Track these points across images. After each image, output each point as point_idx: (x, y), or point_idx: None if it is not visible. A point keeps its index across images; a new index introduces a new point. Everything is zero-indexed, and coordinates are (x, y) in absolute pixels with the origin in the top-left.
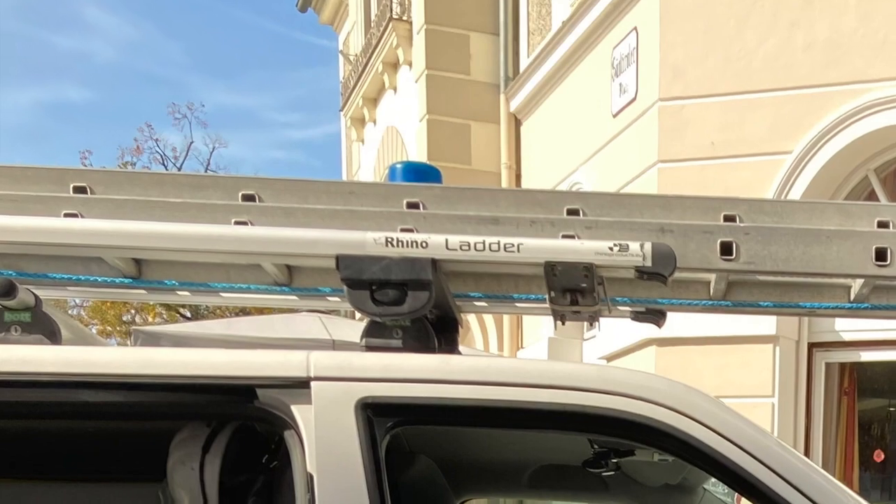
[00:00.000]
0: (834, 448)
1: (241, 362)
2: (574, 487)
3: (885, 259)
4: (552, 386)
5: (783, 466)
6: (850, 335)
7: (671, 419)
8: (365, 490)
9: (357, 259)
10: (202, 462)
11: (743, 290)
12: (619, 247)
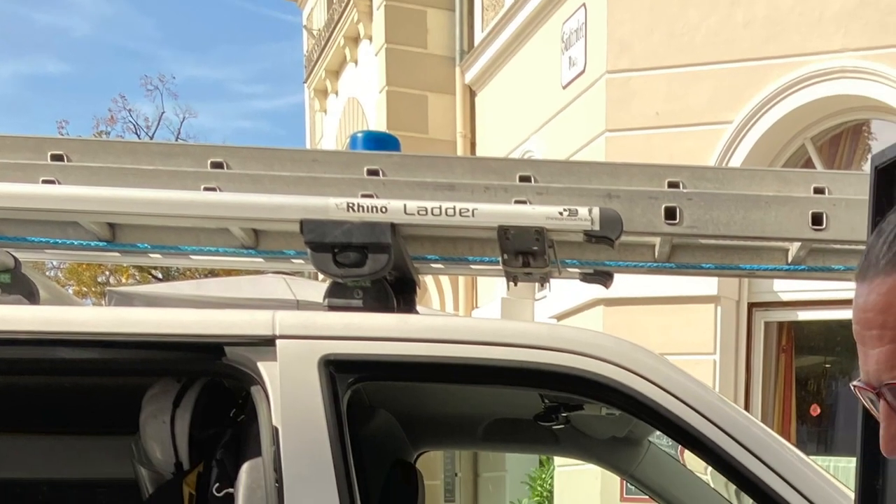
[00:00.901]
0: (772, 403)
1: (210, 321)
2: (526, 440)
3: (820, 223)
4: (505, 344)
5: (724, 420)
6: (787, 295)
7: (618, 375)
8: (327, 442)
9: (320, 223)
10: (173, 416)
11: (686, 253)
12: (569, 212)
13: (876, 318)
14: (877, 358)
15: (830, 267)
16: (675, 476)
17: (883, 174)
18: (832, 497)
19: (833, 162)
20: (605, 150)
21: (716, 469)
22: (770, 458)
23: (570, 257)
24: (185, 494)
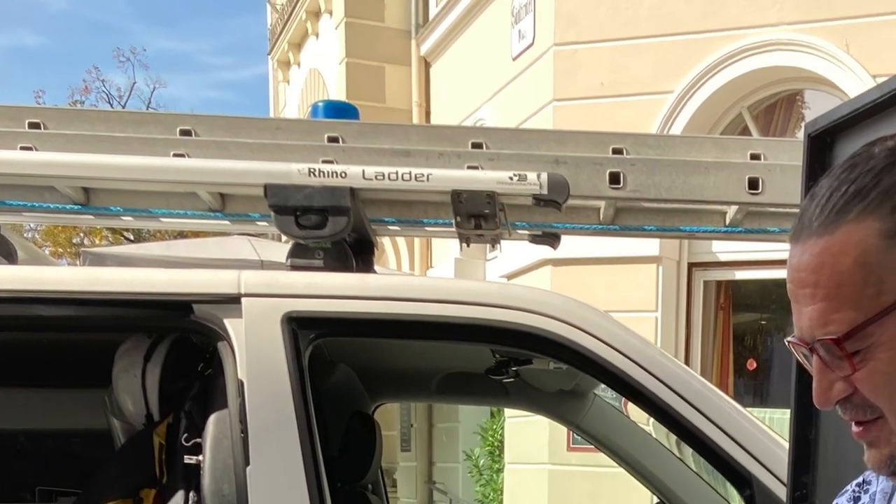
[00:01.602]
0: (711, 358)
1: (179, 280)
2: (477, 393)
3: (757, 188)
4: (458, 301)
5: (665, 374)
6: (725, 256)
7: (565, 331)
8: (290, 395)
9: (283, 188)
10: (144, 370)
11: (629, 216)
12: (518, 177)
13: (809, 277)
14: (810, 315)
15: (766, 229)
16: (619, 427)
17: (815, 141)
18: (768, 446)
19: (768, 130)
20: (552, 118)
21: (657, 420)
22: (709, 409)
23: (520, 220)
24: (156, 444)
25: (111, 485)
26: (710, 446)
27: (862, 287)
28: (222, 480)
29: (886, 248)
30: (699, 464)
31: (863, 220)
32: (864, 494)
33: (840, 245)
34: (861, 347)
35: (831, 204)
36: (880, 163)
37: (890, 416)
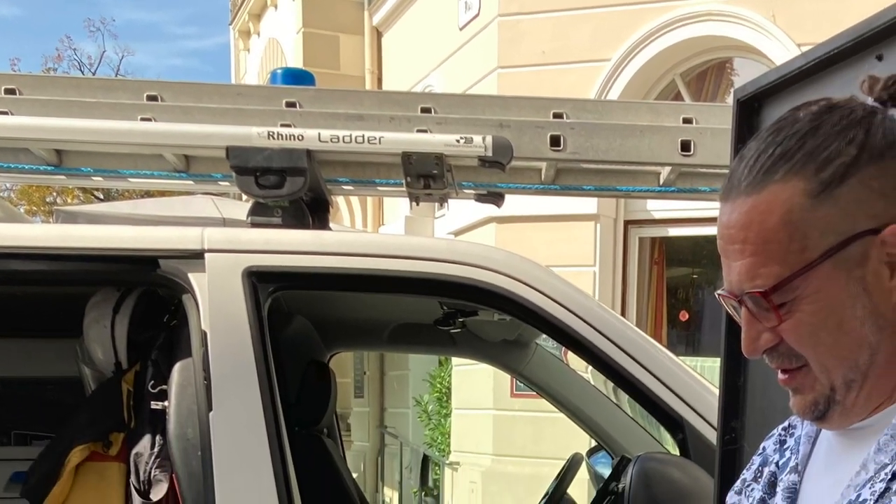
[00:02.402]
0: (646, 310)
1: (146, 237)
2: (427, 342)
3: (689, 150)
4: (408, 257)
5: (603, 325)
6: (659, 214)
7: (508, 284)
8: (250, 344)
9: (244, 150)
10: (113, 321)
11: (569, 176)
12: (465, 139)
13: (738, 234)
14: (738, 269)
15: (697, 188)
16: (560, 375)
17: (744, 106)
18: (699, 393)
19: (700, 96)
20: (497, 85)
21: (596, 368)
22: (644, 358)
23: (466, 180)
24: (124, 391)
25: (82, 429)
26: (645, 393)
27: (787, 243)
28: (186, 425)
29: (810, 207)
30: (635, 409)
31: (788, 181)
32: (790, 438)
33: (767, 204)
34: (787, 300)
35: (759, 165)
36: (804, 126)
37: (814, 365)
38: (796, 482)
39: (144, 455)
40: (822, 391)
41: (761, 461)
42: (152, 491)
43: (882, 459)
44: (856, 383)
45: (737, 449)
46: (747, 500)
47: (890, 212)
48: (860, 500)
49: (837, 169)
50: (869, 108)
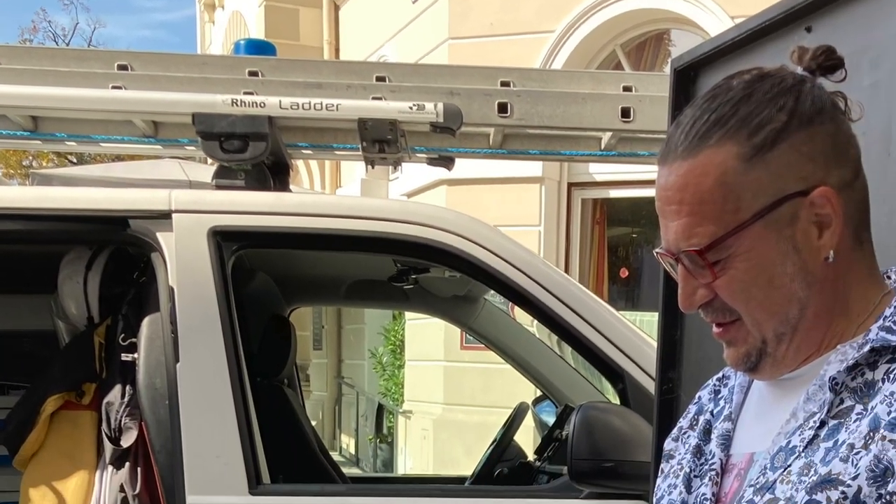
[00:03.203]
0: (588, 267)
1: (117, 198)
2: (381, 298)
3: (628, 116)
4: (364, 217)
5: (547, 281)
6: (601, 176)
7: (458, 243)
8: (215, 299)
9: (209, 116)
10: (85, 278)
11: (516, 141)
12: (417, 106)
13: (675, 195)
14: (675, 229)
15: (637, 153)
16: (507, 328)
17: (680, 75)
18: (638, 346)
19: (639, 65)
20: (447, 55)
21: (541, 322)
22: (586, 312)
23: (419, 144)
24: (96, 343)
25: (57, 379)
26: (588, 345)
27: (722, 204)
28: (155, 375)
29: (743, 170)
30: (577, 361)
31: (722, 145)
32: (724, 388)
33: (702, 167)
34: (721, 258)
35: (695, 130)
36: (738, 94)
37: (746, 319)
38: (730, 430)
39: (115, 404)
40: (754, 344)
41: (697, 410)
42: (123, 438)
43: (811, 408)
44: (786, 336)
45: (674, 398)
46: (683, 446)
47: (818, 174)
48: (790, 447)
49: (769, 134)
50: (798, 77)
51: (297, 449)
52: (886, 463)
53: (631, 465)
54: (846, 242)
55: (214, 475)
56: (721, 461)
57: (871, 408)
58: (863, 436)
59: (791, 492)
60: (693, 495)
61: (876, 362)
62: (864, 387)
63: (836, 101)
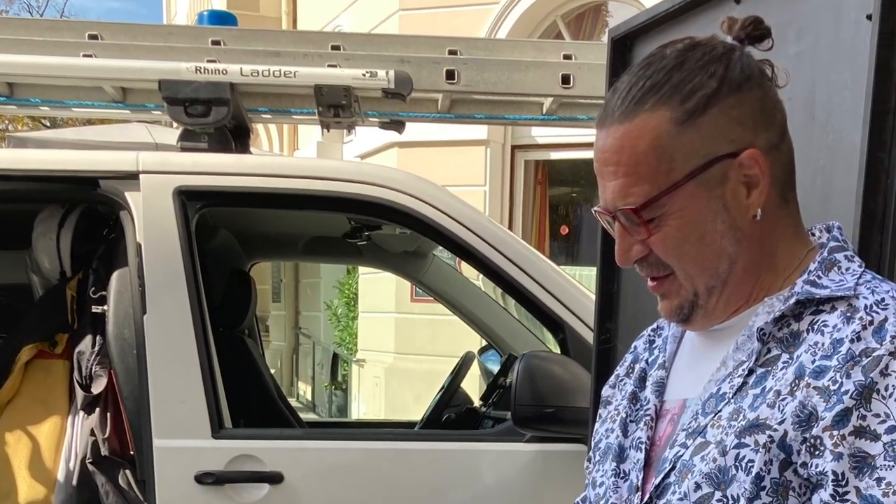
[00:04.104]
0: (530, 224)
1: (88, 160)
2: (336, 253)
3: (568, 83)
4: (320, 177)
5: (492, 237)
6: (543, 139)
7: (408, 202)
8: (180, 255)
9: (174, 83)
10: (58, 234)
11: (463, 106)
12: (370, 73)
13: (612, 157)
14: (612, 189)
15: (576, 117)
16: (454, 282)
17: (617, 44)
18: (578, 298)
19: (578, 35)
20: (398, 25)
21: (486, 276)
22: (529, 267)
23: (371, 109)
24: (68, 296)
25: (31, 330)
26: (530, 298)
27: (656, 165)
28: (123, 326)
29: (676, 133)
30: (520, 312)
31: (657, 110)
32: (658, 338)
33: (638, 130)
34: (655, 216)
35: (630, 96)
36: (671, 62)
37: (679, 273)
38: (664, 377)
39: (86, 353)
40: (687, 296)
41: (633, 358)
42: (93, 385)
43: (739, 357)
44: (716, 289)
45: (611, 348)
46: (620, 393)
47: (746, 137)
48: (720, 393)
49: (700, 100)
50: (728, 46)
51: (257, 395)
52: (811, 408)
53: (571, 410)
54: (773, 201)
55: (179, 420)
56: (655, 407)
57: (796, 357)
58: (788, 383)
59: (721, 435)
60: (629, 439)
61: (801, 314)
62: (789, 337)
63: (763, 68)
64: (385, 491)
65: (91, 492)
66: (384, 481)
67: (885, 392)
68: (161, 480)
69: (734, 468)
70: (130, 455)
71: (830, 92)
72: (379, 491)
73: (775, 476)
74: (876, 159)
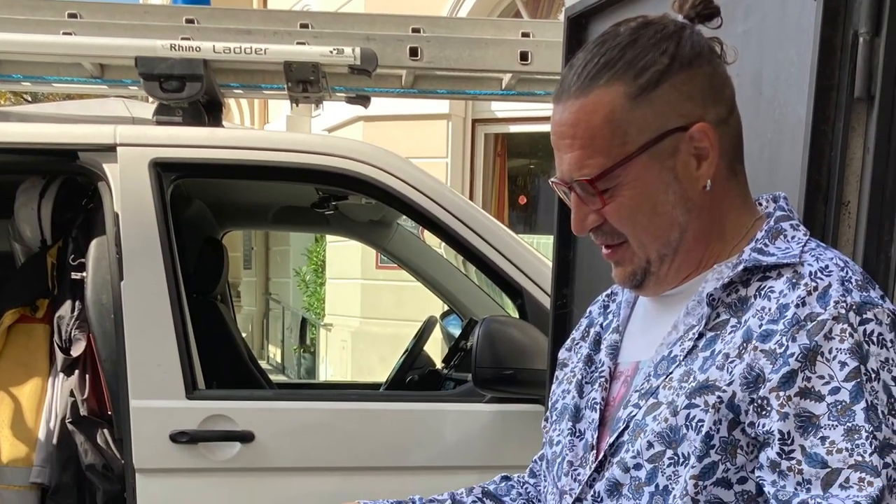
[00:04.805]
0: (490, 195)
1: (67, 133)
2: (305, 222)
3: (526, 59)
4: (289, 150)
5: (454, 207)
6: (502, 113)
7: (374, 173)
8: (155, 224)
9: (150, 59)
10: (39, 204)
11: (425, 82)
12: (337, 50)
13: (568, 130)
14: (569, 161)
15: (534, 92)
16: (417, 249)
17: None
18: (535, 265)
19: (536, 13)
20: (364, 4)
21: (448, 244)
22: (489, 235)
23: (338, 85)
24: (49, 263)
25: (13, 296)
26: (490, 265)
27: (610, 138)
28: (101, 292)
29: (630, 108)
30: (481, 279)
31: (611, 85)
32: (612, 303)
33: (593, 105)
34: (609, 186)
35: (586, 72)
36: (625, 39)
37: (632, 241)
38: (618, 341)
39: (66, 318)
40: (640, 264)
41: (588, 323)
42: (72, 348)
43: (690, 321)
44: (668, 257)
45: (567, 313)
46: (576, 355)
47: (696, 112)
48: (671, 356)
49: (652, 76)
50: (679, 24)
51: (229, 358)
52: (758, 370)
53: (529, 372)
54: (722, 173)
55: (155, 381)
56: (610, 369)
57: (744, 321)
58: (737, 346)
59: (672, 396)
60: (584, 399)
61: (749, 280)
62: (738, 302)
63: (713, 46)
64: (351, 449)
65: (70, 450)
66: (350, 440)
67: (828, 355)
68: (137, 439)
69: (685, 427)
70: (108, 415)
71: (777, 68)
72: (345, 449)
73: (724, 435)
74: (820, 133)
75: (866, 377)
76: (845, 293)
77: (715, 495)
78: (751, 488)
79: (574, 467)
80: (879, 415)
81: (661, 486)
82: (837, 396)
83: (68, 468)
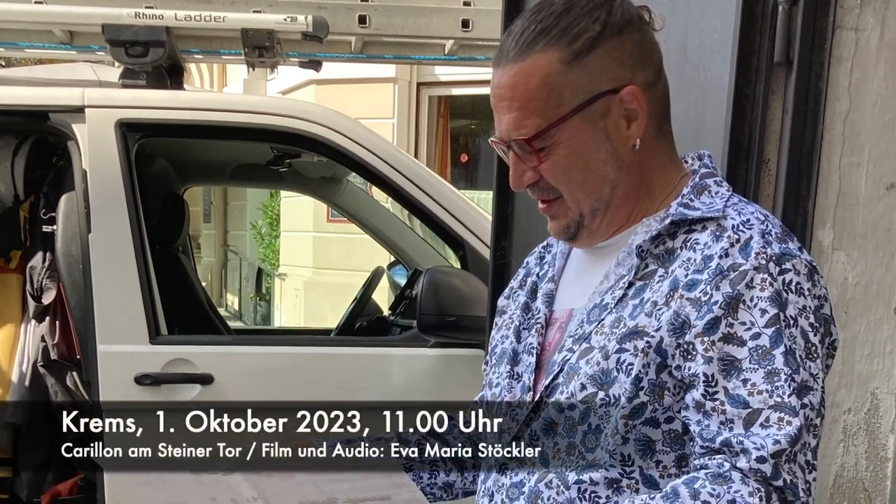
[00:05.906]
0: (434, 153)
1: (39, 95)
2: (261, 179)
3: (468, 26)
4: (246, 111)
5: (400, 164)
6: (445, 77)
7: (325, 133)
8: (121, 181)
9: (116, 27)
10: (13, 162)
11: (373, 47)
12: (291, 18)
13: (507, 93)
14: (507, 121)
15: (475, 57)
16: (366, 204)
17: None
18: (476, 219)
19: None
20: None
21: (395, 199)
22: (432, 191)
23: (292, 50)
24: (21, 217)
25: None
26: (434, 219)
27: (546, 100)
28: (71, 244)
29: (564, 72)
30: (425, 232)
31: (546, 51)
32: (548, 254)
33: (530, 69)
34: (545, 145)
35: (523, 38)
36: (559, 8)
37: (567, 197)
38: (553, 289)
39: (38, 268)
40: (573, 217)
41: (525, 273)
42: (44, 296)
43: (620, 272)
44: (600, 211)
45: (506, 263)
46: (514, 303)
47: (626, 75)
48: (603, 304)
49: (585, 42)
50: None
51: (190, 305)
52: (684, 317)
53: (470, 319)
54: (650, 132)
55: (120, 327)
56: (545, 316)
57: (671, 271)
58: (664, 294)
59: (604, 341)
60: (522, 344)
61: (675, 233)
62: (665, 254)
63: (642, 14)
64: (304, 391)
65: (41, 392)
66: (304, 382)
67: (750, 303)
68: (104, 381)
69: (616, 370)
70: (77, 359)
71: (702, 35)
72: (299, 391)
73: (652, 377)
74: (742, 95)
75: (785, 323)
76: (766, 245)
77: (644, 434)
78: (677, 427)
79: (512, 408)
80: (797, 358)
81: (593, 426)
82: (758, 342)
83: (40, 409)
